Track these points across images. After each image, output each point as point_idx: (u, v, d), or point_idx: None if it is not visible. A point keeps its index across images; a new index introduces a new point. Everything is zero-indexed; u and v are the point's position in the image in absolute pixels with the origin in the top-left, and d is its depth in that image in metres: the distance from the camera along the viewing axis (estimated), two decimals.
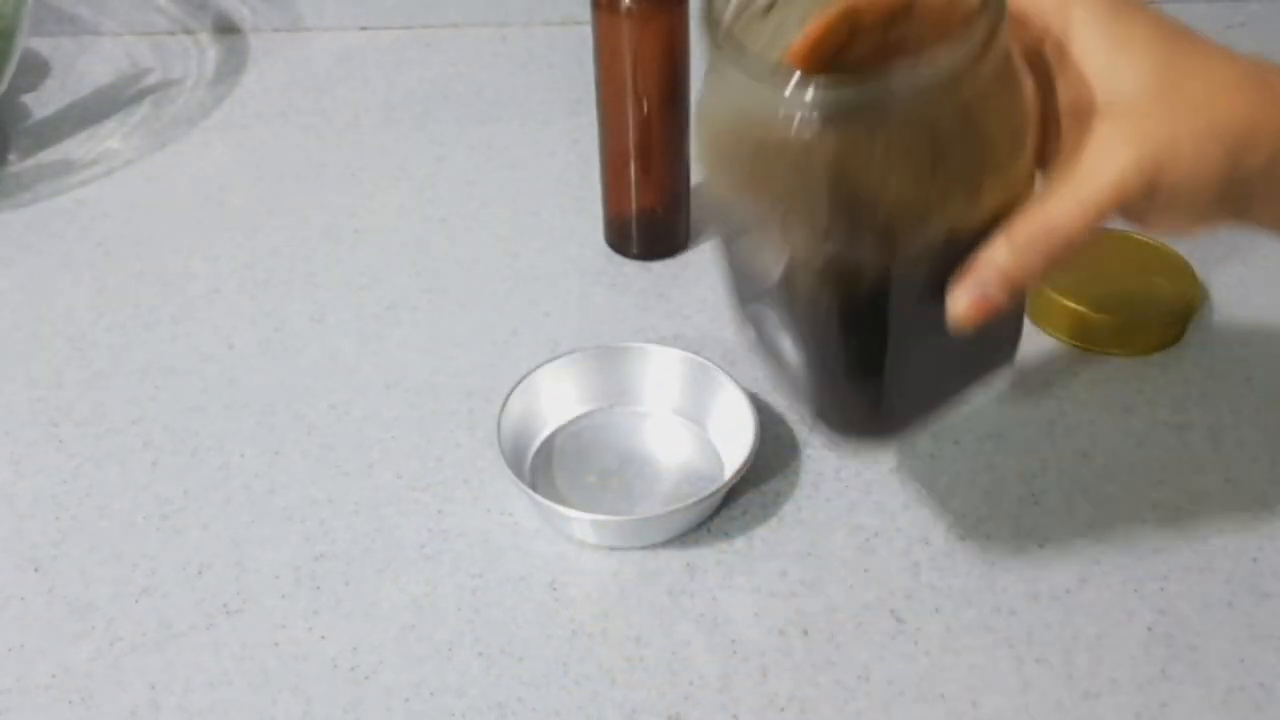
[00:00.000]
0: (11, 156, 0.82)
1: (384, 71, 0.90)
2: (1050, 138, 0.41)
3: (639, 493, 0.58)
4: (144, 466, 0.61)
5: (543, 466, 0.59)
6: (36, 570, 0.56)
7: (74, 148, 0.83)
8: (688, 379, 0.61)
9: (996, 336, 0.45)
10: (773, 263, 0.42)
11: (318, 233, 0.75)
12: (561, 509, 0.55)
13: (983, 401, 0.57)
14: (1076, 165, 0.39)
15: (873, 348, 0.43)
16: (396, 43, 0.92)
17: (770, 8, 0.41)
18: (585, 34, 0.65)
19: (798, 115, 0.36)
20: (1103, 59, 0.39)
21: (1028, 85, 0.39)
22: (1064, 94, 0.40)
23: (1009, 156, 0.40)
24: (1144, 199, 0.39)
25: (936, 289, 0.41)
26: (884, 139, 0.37)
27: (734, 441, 0.58)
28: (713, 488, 0.55)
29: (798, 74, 0.36)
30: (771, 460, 0.59)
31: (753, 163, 0.40)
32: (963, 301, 0.40)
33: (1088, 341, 0.64)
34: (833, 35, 0.42)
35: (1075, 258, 0.39)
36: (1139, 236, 0.63)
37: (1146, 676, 0.50)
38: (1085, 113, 0.40)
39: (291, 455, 0.61)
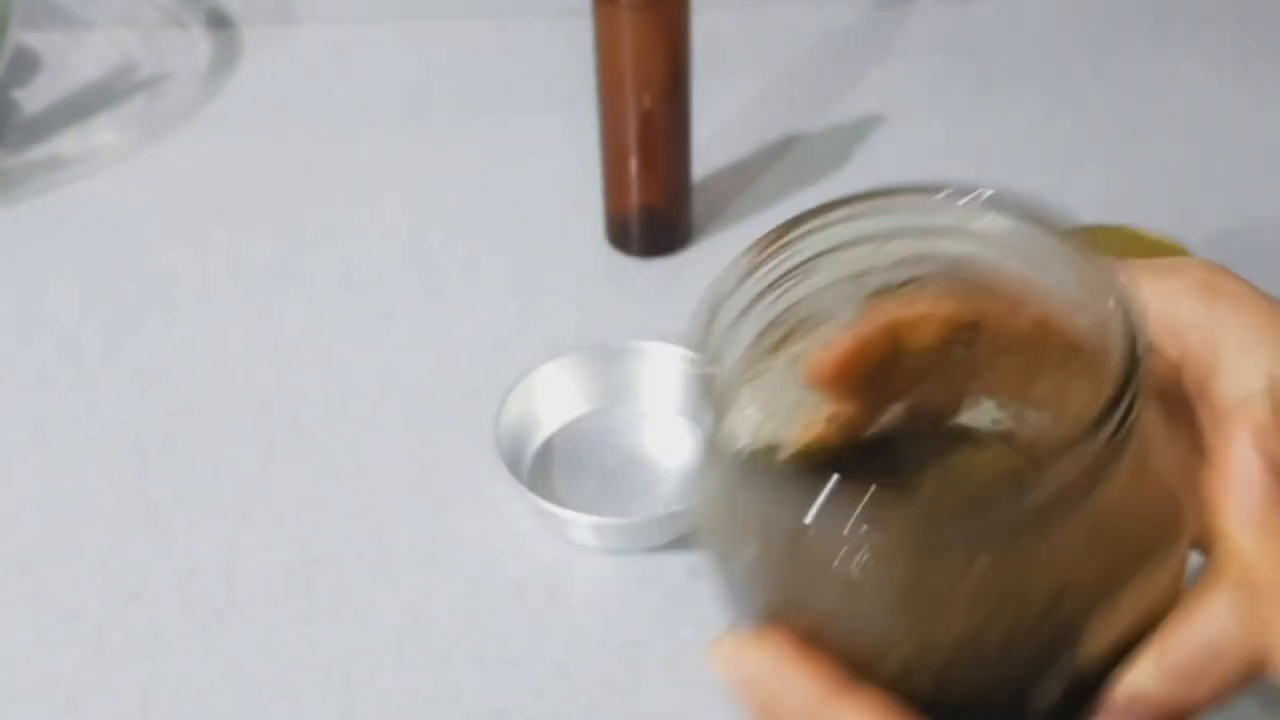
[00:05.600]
0: (1, 152, 0.81)
1: (379, 64, 0.89)
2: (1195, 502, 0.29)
3: (639, 494, 0.57)
4: (133, 469, 0.60)
5: (542, 468, 0.58)
6: (24, 574, 0.55)
7: (65, 143, 0.82)
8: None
9: None
10: None
11: (312, 229, 0.74)
12: (561, 511, 0.54)
13: None
14: (1253, 563, 0.27)
15: None
16: (392, 35, 0.92)
17: (784, 339, 0.30)
18: (585, 26, 0.65)
19: (840, 544, 0.25)
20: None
21: (1169, 456, 0.28)
22: (1215, 444, 0.28)
23: (1147, 562, 0.28)
24: None
25: None
26: (968, 578, 0.26)
27: None
28: None
29: (831, 486, 0.25)
30: None
31: (776, 578, 0.29)
32: None
33: None
34: (870, 353, 0.31)
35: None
36: (1139, 231, 0.62)
37: None
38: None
39: (284, 457, 0.60)
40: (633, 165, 0.68)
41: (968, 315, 0.31)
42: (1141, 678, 0.27)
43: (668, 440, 0.60)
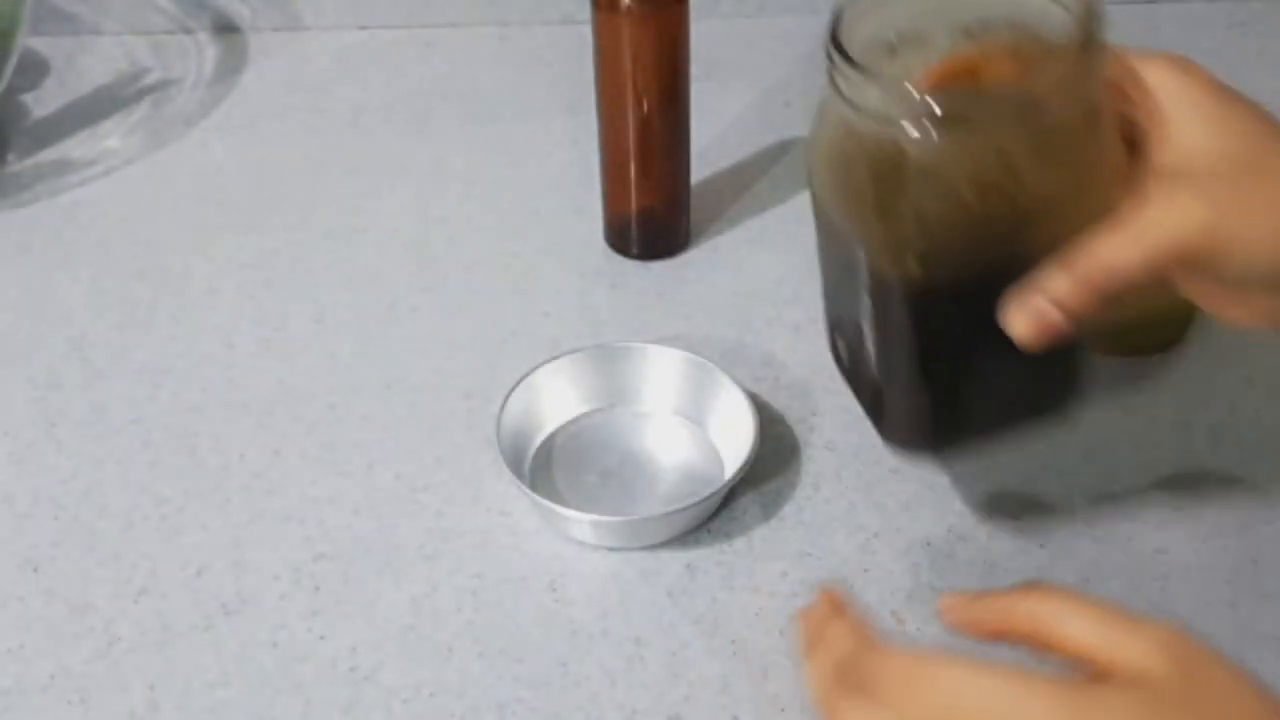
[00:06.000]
0: (10, 156, 0.82)
1: (383, 71, 0.90)
2: (1133, 193, 0.42)
3: (639, 493, 0.58)
4: (143, 467, 0.61)
5: (542, 466, 0.59)
6: (35, 570, 0.56)
7: (73, 147, 0.83)
8: (688, 379, 0.61)
9: (1052, 379, 0.49)
10: (864, 272, 0.46)
11: (317, 232, 0.75)
12: (561, 509, 0.55)
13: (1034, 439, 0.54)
14: (1144, 211, 0.40)
15: (936, 356, 0.47)
16: (395, 42, 0.92)
17: (892, 52, 0.44)
18: (585, 33, 0.65)
19: (904, 121, 0.41)
20: (1196, 130, 0.41)
21: (1114, 136, 0.43)
22: (1154, 158, 0.42)
23: (1087, 191, 0.42)
24: (1206, 256, 0.40)
25: (998, 310, 0.43)
26: (983, 151, 0.41)
27: (734, 441, 0.58)
28: (713, 488, 0.55)
29: (907, 86, 0.41)
30: (771, 460, 0.59)
31: (858, 174, 0.44)
32: (1019, 319, 0.42)
33: (1089, 341, 0.64)
34: (954, 80, 0.43)
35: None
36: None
37: None
38: (1167, 172, 0.41)
39: (291, 455, 0.61)
40: (632, 169, 0.68)
41: (1017, 60, 0.42)
42: (1052, 278, 0.42)
43: (667, 440, 0.60)
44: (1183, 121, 0.42)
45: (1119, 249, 0.41)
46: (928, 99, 0.41)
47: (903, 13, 0.44)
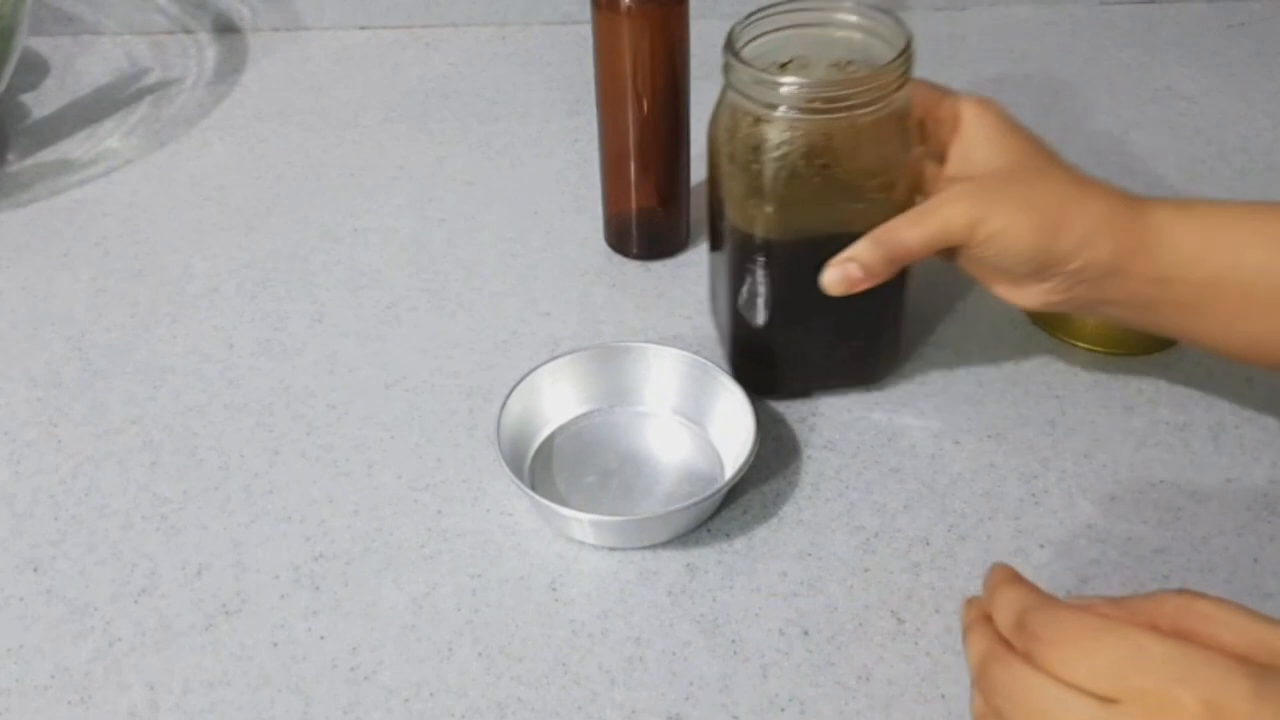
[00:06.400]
0: (10, 156, 0.82)
1: (383, 71, 0.90)
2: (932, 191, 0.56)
3: (639, 493, 0.58)
4: (143, 466, 0.61)
5: (542, 466, 0.59)
6: (35, 570, 0.56)
7: (73, 147, 0.83)
8: (688, 379, 0.61)
9: (873, 345, 0.61)
10: (730, 228, 0.57)
11: (317, 232, 0.75)
12: (561, 509, 0.55)
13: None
14: (930, 204, 0.53)
15: (780, 307, 0.58)
16: (396, 42, 0.93)
17: (782, 69, 0.57)
18: (585, 33, 0.65)
19: (765, 102, 0.54)
20: (980, 148, 0.55)
21: (919, 144, 0.56)
22: (948, 167, 0.56)
23: (896, 182, 0.55)
24: (970, 241, 0.52)
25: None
26: (815, 132, 0.53)
27: (734, 441, 0.58)
28: (713, 488, 0.55)
29: (769, 75, 0.54)
30: (771, 460, 0.59)
31: (736, 144, 0.55)
32: (830, 271, 0.54)
33: (1089, 341, 0.64)
34: None
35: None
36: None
37: None
38: (954, 177, 0.55)
39: (291, 455, 0.61)
40: (631, 169, 0.68)
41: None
42: (857, 245, 0.54)
43: (667, 440, 0.61)
44: (972, 141, 0.55)
45: (905, 229, 0.53)
46: (780, 86, 0.53)
47: (794, 45, 0.57)
